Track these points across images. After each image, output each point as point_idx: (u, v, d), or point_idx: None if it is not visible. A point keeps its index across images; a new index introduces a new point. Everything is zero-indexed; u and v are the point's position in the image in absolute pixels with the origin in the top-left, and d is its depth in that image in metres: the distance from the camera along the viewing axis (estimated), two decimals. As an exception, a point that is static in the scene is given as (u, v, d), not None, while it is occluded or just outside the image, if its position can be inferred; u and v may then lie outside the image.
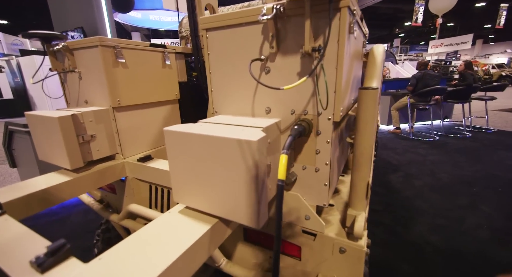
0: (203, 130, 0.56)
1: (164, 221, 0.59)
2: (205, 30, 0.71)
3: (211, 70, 0.74)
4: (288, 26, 0.58)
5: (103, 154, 1.03)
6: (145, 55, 1.15)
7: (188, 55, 1.48)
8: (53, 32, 1.02)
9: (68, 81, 1.13)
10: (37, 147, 0.97)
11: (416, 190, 2.63)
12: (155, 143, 1.26)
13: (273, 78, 0.64)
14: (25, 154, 2.50)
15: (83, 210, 2.39)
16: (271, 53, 0.62)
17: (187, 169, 0.59)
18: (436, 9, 12.96)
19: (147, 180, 1.05)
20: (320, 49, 0.52)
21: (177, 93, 1.38)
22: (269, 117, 0.67)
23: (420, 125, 5.57)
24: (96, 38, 0.94)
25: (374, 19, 21.58)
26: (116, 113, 1.04)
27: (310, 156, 0.64)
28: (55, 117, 0.83)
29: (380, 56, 0.72)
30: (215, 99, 0.76)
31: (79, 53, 1.03)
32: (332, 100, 0.57)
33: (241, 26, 0.64)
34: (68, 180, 0.86)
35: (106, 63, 0.98)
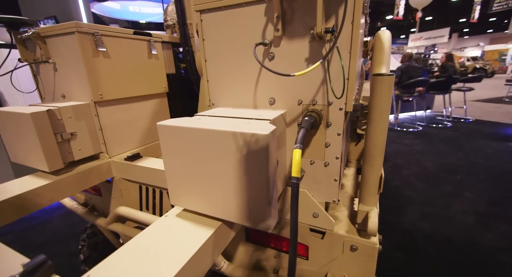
0: (203, 124, 0.49)
1: (161, 227, 0.53)
2: (199, 11, 0.63)
3: (207, 58, 0.67)
4: (295, 5, 0.52)
5: (85, 153, 0.93)
6: (128, 43, 1.05)
7: (176, 45, 1.38)
8: (21, 17, 0.90)
9: (42, 73, 1.01)
10: (8, 147, 0.86)
11: (404, 179, 2.70)
12: (143, 140, 1.17)
13: (278, 65, 0.58)
14: None
15: (65, 213, 2.25)
16: (276, 36, 0.56)
17: (185, 168, 0.53)
18: (416, 3, 13.28)
19: (137, 180, 0.97)
20: (334, 30, 0.47)
21: (165, 86, 1.28)
22: (273, 108, 0.62)
23: (404, 116, 5.73)
24: (72, 23, 0.83)
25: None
26: (98, 108, 0.95)
27: (319, 150, 0.60)
28: (28, 113, 0.73)
29: (387, 41, 0.68)
30: (212, 90, 0.70)
31: (52, 41, 0.92)
32: (344, 88, 0.52)
33: (241, 6, 0.58)
34: (46, 183, 0.76)
35: (84, 52, 0.87)
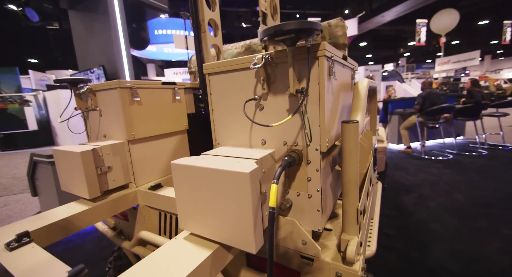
0: (204, 163, 0.63)
1: (169, 248, 0.65)
2: (208, 74, 0.82)
3: (213, 108, 0.84)
4: (276, 71, 0.68)
5: (118, 183, 1.12)
6: (157, 92, 1.29)
7: (197, 89, 1.62)
8: (80, 77, 1.18)
9: (90, 118, 1.27)
10: (60, 178, 1.08)
11: (431, 212, 2.54)
12: (165, 172, 1.35)
13: (266, 114, 0.73)
14: (46, 183, 2.65)
15: (96, 238, 2.45)
16: (263, 93, 0.71)
17: (191, 198, 0.66)
18: (438, 29, 13.27)
19: (157, 207, 1.11)
20: (303, 91, 0.61)
21: (186, 124, 1.49)
22: (264, 148, 0.75)
23: (432, 144, 5.46)
24: (116, 82, 1.08)
25: (378, 40, 22.22)
26: (130, 146, 1.15)
27: (303, 183, 0.70)
28: (78, 152, 0.94)
29: (363, 90, 0.79)
30: (217, 132, 0.85)
31: (100, 94, 1.18)
32: (318, 133, 0.64)
33: (237, 71, 0.75)
34: (86, 209, 0.94)
35: (123, 102, 1.11)
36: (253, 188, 0.56)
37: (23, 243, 0.69)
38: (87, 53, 3.46)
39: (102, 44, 3.28)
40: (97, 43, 3.33)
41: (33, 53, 16.25)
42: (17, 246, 0.67)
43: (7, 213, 3.16)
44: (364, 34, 17.18)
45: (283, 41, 0.58)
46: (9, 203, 3.50)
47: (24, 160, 6.34)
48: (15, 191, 3.98)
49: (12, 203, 3.48)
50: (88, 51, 3.44)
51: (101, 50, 3.32)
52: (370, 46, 22.85)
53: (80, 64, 3.60)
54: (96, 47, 3.36)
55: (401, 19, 14.78)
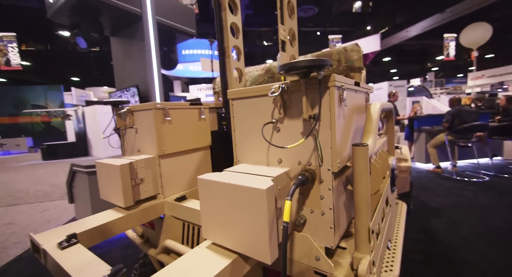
0: (226, 179, 0.71)
1: (192, 256, 0.72)
2: (231, 99, 0.92)
3: (235, 128, 0.93)
4: (292, 98, 0.76)
5: (148, 194, 1.23)
6: (185, 112, 1.42)
7: (220, 108, 1.75)
8: (121, 100, 1.36)
9: (127, 135, 1.43)
10: (100, 188, 1.22)
11: (463, 240, 2.36)
12: (189, 184, 1.45)
13: (282, 136, 0.80)
14: (82, 191, 2.90)
15: (122, 246, 2.60)
16: (280, 117, 0.79)
17: (214, 210, 0.74)
18: (468, 44, 12.73)
19: (181, 218, 1.20)
20: (315, 117, 0.68)
21: (209, 141, 1.61)
22: (280, 166, 0.82)
23: (464, 164, 5.11)
24: (151, 104, 1.23)
25: (403, 55, 21.70)
26: (161, 160, 1.28)
27: (316, 201, 0.75)
28: (118, 165, 1.08)
29: (375, 113, 0.84)
30: (238, 150, 0.94)
31: (137, 114, 1.33)
32: (330, 154, 0.70)
33: (257, 97, 0.84)
34: (121, 216, 1.06)
35: (156, 121, 1.25)
36: (269, 203, 0.62)
37: (72, 243, 0.80)
38: (124, 74, 3.81)
39: (137, 66, 3.61)
40: (133, 65, 3.68)
41: (75, 72, 18.09)
42: (67, 246, 0.79)
43: (46, 217, 3.47)
44: (388, 49, 16.94)
45: (297, 74, 0.66)
46: (48, 208, 3.84)
47: (62, 169, 6.93)
48: (53, 198, 4.36)
49: (50, 209, 3.81)
50: (125, 72, 3.80)
51: (136, 71, 3.65)
52: (394, 61, 22.36)
53: (117, 84, 3.97)
54: (132, 68, 3.70)
55: (427, 34, 14.42)
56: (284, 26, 1.38)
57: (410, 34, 14.38)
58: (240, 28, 1.75)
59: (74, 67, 17.31)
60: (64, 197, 4.32)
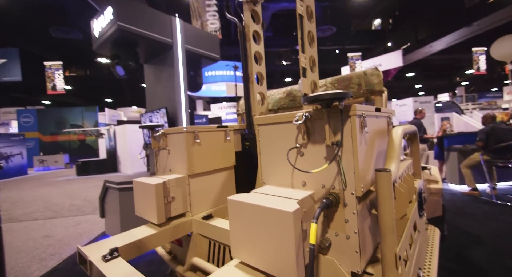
0: (254, 200, 0.77)
1: (222, 274, 0.76)
2: (258, 124, 1.00)
3: (261, 152, 1.00)
4: (315, 125, 0.82)
5: (178, 212, 1.31)
6: (213, 134, 1.53)
7: (243, 129, 1.84)
8: (157, 124, 1.50)
9: (160, 155, 1.55)
10: (136, 205, 1.33)
11: (509, 272, 2.13)
12: (215, 203, 1.52)
13: (306, 160, 0.85)
14: (113, 207, 3.08)
15: (147, 262, 2.67)
16: (304, 142, 0.85)
17: (243, 229, 0.79)
18: (500, 57, 12.09)
19: (208, 236, 1.26)
20: (338, 143, 0.73)
21: (233, 161, 1.69)
22: (305, 189, 0.86)
23: (506, 186, 4.67)
24: (182, 128, 1.35)
25: (428, 70, 20.96)
26: (190, 179, 1.37)
27: (341, 224, 0.77)
28: (153, 184, 1.18)
29: (398, 138, 0.86)
30: (263, 172, 1.00)
31: (171, 136, 1.46)
32: (353, 179, 0.73)
33: (282, 123, 0.91)
34: (154, 232, 1.14)
35: (187, 143, 1.36)
36: (295, 225, 0.66)
37: (114, 256, 0.89)
38: (155, 97, 4.13)
39: (166, 89, 3.90)
40: (162, 88, 3.98)
41: (108, 93, 19.72)
42: (110, 259, 0.87)
43: (79, 231, 3.68)
44: (411, 64, 16.54)
45: (320, 104, 0.73)
46: (81, 222, 4.08)
47: (94, 184, 7.38)
48: (86, 212, 4.64)
49: (83, 223, 4.05)
50: (155, 95, 4.11)
51: (165, 94, 3.94)
52: (419, 76, 21.65)
53: (148, 105, 4.29)
54: (162, 91, 4.00)
55: (454, 48, 13.93)
56: (304, 54, 1.47)
57: (435, 49, 14.00)
58: (263, 55, 1.89)
59: (108, 89, 18.92)
60: (95, 211, 4.58)
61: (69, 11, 9.75)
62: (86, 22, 3.46)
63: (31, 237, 3.46)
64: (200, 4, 7.78)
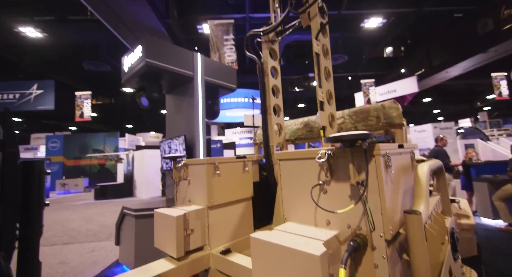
0: (278, 240, 0.76)
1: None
2: (279, 159, 1.02)
3: (283, 187, 1.00)
4: (337, 162, 0.82)
5: (196, 245, 1.30)
6: (232, 165, 1.56)
7: (261, 159, 1.86)
8: (179, 154, 1.56)
9: (180, 185, 1.59)
10: (155, 237, 1.33)
11: None
12: (233, 236, 1.49)
13: (330, 197, 0.84)
14: (128, 235, 3.08)
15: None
16: (326, 180, 0.84)
17: (266, 270, 0.77)
18: (522, 82, 11.71)
19: (226, 272, 1.22)
20: (363, 183, 0.72)
21: (251, 192, 1.68)
22: (329, 228, 0.83)
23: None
24: (205, 160, 1.39)
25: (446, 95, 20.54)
26: (209, 211, 1.37)
27: (370, 270, 0.73)
28: (174, 216, 1.19)
29: (424, 176, 0.84)
30: (285, 208, 0.99)
31: (192, 167, 1.50)
32: (381, 220, 0.71)
33: (303, 159, 0.92)
34: (172, 267, 1.12)
35: (208, 174, 1.39)
36: (323, 270, 0.64)
37: (134, 294, 0.88)
38: (174, 125, 4.32)
39: (185, 117, 4.09)
40: (182, 117, 4.17)
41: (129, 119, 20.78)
42: (130, 296, 0.86)
43: (93, 258, 3.67)
44: (427, 89, 16.35)
45: (343, 144, 0.74)
46: (96, 249, 4.07)
47: (110, 209, 7.48)
48: (101, 238, 4.64)
49: (97, 249, 4.04)
50: (175, 123, 4.31)
51: (185, 122, 4.12)
52: (436, 101, 21.21)
53: (167, 133, 4.47)
54: (181, 120, 4.19)
55: (471, 73, 13.74)
56: (321, 89, 1.53)
57: (451, 74, 13.88)
58: (280, 88, 1.97)
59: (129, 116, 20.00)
60: (110, 238, 4.58)
61: (102, 47, 10.83)
62: (115, 56, 3.83)
63: (48, 263, 3.47)
64: (218, 39, 8.40)
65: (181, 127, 4.31)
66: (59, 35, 9.12)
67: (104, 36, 8.99)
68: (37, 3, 7.74)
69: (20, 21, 7.87)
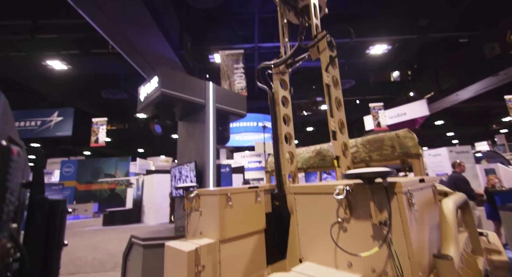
0: (297, 285, 0.71)
1: None
2: (294, 193, 0.99)
3: (299, 223, 0.96)
4: (357, 199, 0.79)
5: (207, 283, 1.23)
6: (244, 195, 1.53)
7: (273, 189, 1.82)
8: (193, 184, 1.55)
9: (192, 216, 1.56)
10: (165, 272, 1.28)
11: None
12: (245, 273, 1.41)
13: (350, 237, 0.80)
14: (135, 266, 2.97)
15: None
16: (346, 217, 0.81)
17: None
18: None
19: None
20: (386, 223, 0.68)
21: (264, 223, 1.62)
22: (351, 271, 0.78)
23: None
24: (217, 190, 1.38)
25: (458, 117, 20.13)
26: (221, 245, 1.32)
27: (400, 321, 0.66)
28: (185, 251, 1.15)
29: (451, 215, 0.79)
30: (302, 246, 0.94)
31: (204, 198, 1.48)
32: (408, 266, 0.66)
33: (320, 194, 0.90)
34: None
35: (220, 206, 1.36)
36: (348, 323, 0.58)
37: None
38: (185, 151, 4.37)
39: (197, 144, 4.15)
40: (193, 143, 4.24)
41: (141, 144, 21.27)
42: None
43: (98, 291, 3.52)
44: (439, 112, 16.11)
45: (363, 180, 0.72)
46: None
47: (118, 236, 7.34)
48: (107, 268, 4.50)
49: (103, 281, 3.90)
50: (186, 149, 4.36)
51: (196, 148, 4.17)
52: (449, 123, 20.77)
53: (178, 158, 4.52)
54: (192, 146, 4.25)
55: (484, 96, 13.54)
56: (333, 118, 1.53)
57: (462, 97, 13.73)
58: (291, 117, 1.99)
59: (141, 140, 20.52)
60: (116, 268, 4.44)
61: (120, 76, 11.54)
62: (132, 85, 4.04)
63: (52, 295, 3.35)
64: (229, 68, 8.82)
65: (192, 153, 4.36)
66: (82, 66, 9.84)
67: (123, 66, 9.63)
68: (65, 39, 8.50)
69: (48, 55, 8.58)
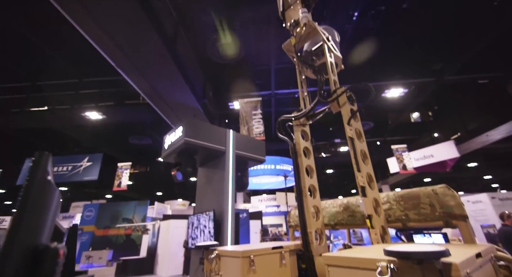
0: None
1: None
2: (327, 265, 0.89)
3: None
4: (405, 281, 0.68)
5: None
6: (268, 257, 1.40)
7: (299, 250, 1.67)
8: (212, 243, 1.47)
9: (211, 281, 1.43)
10: None
11: None
12: None
13: None
14: None
15: None
16: None
17: None
18: None
19: None
20: None
21: (290, 293, 1.44)
22: None
23: None
24: (239, 252, 1.29)
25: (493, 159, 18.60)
26: (243, 321, 1.16)
27: None
28: None
29: None
30: None
31: (225, 259, 1.38)
32: None
33: (359, 269, 0.79)
34: None
35: (243, 271, 1.25)
36: None
37: None
38: (204, 199, 4.32)
39: (216, 190, 4.10)
40: (212, 190, 4.20)
41: (159, 187, 21.48)
42: None
43: None
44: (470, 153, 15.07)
45: (410, 260, 0.63)
46: None
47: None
48: None
49: None
50: (205, 196, 4.32)
51: (215, 196, 4.12)
52: (484, 165, 19.17)
53: (197, 206, 4.44)
54: (212, 193, 4.20)
55: (518, 136, 12.65)
56: (361, 173, 1.47)
57: (493, 138, 12.94)
58: (314, 168, 1.94)
59: (161, 184, 20.80)
60: None
61: (146, 124, 12.44)
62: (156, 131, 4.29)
63: None
64: (248, 114, 9.25)
65: (211, 200, 4.28)
66: (113, 116, 10.83)
67: (149, 114, 10.47)
68: (103, 93, 9.61)
69: (88, 107, 9.63)
